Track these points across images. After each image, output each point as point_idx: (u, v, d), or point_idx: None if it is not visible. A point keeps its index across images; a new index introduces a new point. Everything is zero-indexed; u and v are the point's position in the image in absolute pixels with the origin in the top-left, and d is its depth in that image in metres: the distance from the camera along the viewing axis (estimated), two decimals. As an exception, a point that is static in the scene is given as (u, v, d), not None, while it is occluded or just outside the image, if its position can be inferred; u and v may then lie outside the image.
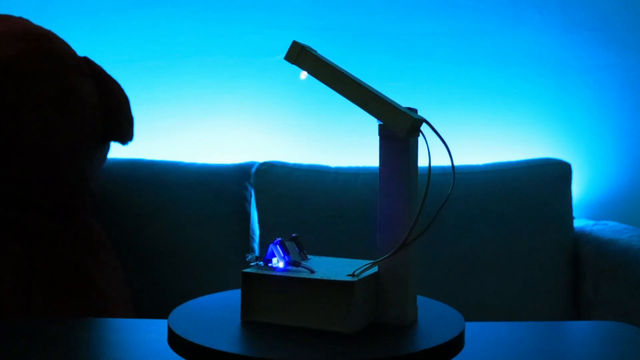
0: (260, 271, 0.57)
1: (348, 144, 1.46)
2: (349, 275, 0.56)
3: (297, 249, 0.61)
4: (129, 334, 0.75)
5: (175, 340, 0.53)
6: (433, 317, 0.59)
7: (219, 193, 1.27)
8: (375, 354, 0.50)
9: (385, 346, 0.52)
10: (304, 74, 0.61)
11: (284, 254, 0.58)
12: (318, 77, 0.58)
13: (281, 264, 0.58)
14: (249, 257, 0.59)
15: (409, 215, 0.58)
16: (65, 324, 0.79)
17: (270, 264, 0.58)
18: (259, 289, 0.56)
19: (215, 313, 0.60)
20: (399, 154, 0.58)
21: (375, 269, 0.58)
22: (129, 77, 1.43)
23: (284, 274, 0.56)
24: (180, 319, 0.57)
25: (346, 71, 0.60)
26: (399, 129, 0.56)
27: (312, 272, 0.56)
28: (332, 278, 0.55)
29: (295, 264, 0.58)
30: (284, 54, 0.64)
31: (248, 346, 0.52)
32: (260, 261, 0.59)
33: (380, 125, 0.59)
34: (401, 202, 0.58)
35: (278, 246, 0.58)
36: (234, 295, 0.66)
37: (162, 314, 1.22)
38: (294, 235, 0.62)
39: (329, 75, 0.58)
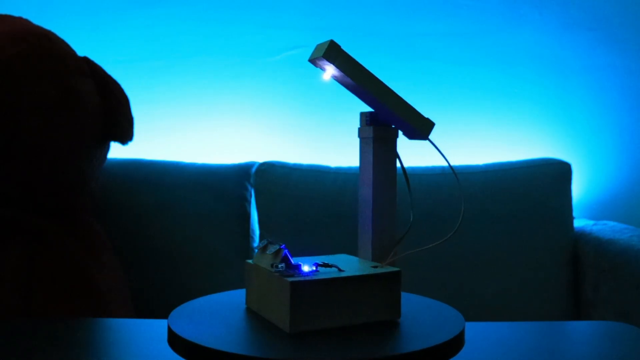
0: (309, 278, 0.55)
1: (348, 144, 1.47)
2: (373, 267, 0.59)
3: None
4: (129, 334, 0.75)
5: (175, 340, 0.53)
6: (433, 317, 0.60)
7: (219, 193, 1.27)
8: (373, 353, 0.49)
9: (384, 345, 0.52)
10: (327, 75, 0.61)
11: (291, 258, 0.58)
12: (352, 77, 0.58)
13: (307, 268, 0.57)
14: (281, 266, 0.57)
15: (395, 211, 0.62)
16: (65, 324, 0.79)
17: (299, 270, 0.56)
18: (309, 297, 0.54)
19: (216, 313, 0.60)
20: (391, 155, 0.61)
21: (358, 261, 0.61)
22: (129, 77, 1.43)
23: (337, 275, 0.56)
24: (180, 319, 0.57)
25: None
26: (425, 131, 0.59)
27: (342, 270, 0.57)
28: (375, 272, 0.57)
29: (326, 265, 0.58)
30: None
31: (249, 346, 0.52)
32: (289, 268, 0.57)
33: (375, 128, 0.60)
34: (393, 200, 0.62)
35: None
36: (235, 295, 0.66)
37: (162, 314, 1.22)
38: (270, 239, 0.61)
39: (362, 76, 0.59)
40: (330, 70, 0.60)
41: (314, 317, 0.54)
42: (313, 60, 0.60)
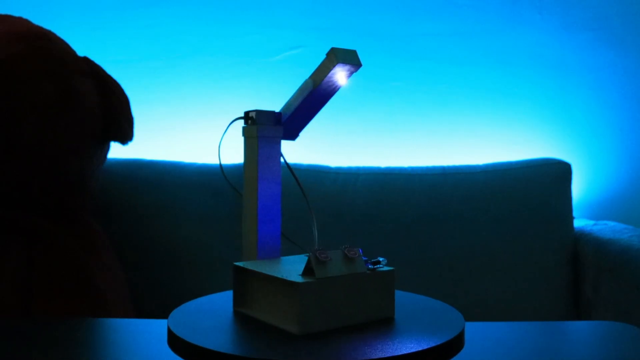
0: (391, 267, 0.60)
1: (348, 144, 1.47)
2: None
3: None
4: (129, 334, 0.75)
5: (174, 341, 0.53)
6: (433, 317, 0.60)
7: (219, 193, 1.27)
8: (372, 353, 0.49)
9: (383, 345, 0.52)
10: (344, 80, 0.63)
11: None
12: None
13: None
14: (379, 262, 0.61)
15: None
16: (65, 324, 0.79)
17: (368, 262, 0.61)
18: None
19: (215, 313, 0.60)
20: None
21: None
22: (129, 77, 1.43)
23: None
24: (180, 319, 0.57)
25: None
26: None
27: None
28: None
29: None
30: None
31: (248, 347, 0.52)
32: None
33: (280, 128, 0.67)
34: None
35: None
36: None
37: (162, 314, 1.22)
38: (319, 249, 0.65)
39: None
40: (343, 76, 0.62)
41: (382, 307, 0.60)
42: (342, 65, 0.61)
